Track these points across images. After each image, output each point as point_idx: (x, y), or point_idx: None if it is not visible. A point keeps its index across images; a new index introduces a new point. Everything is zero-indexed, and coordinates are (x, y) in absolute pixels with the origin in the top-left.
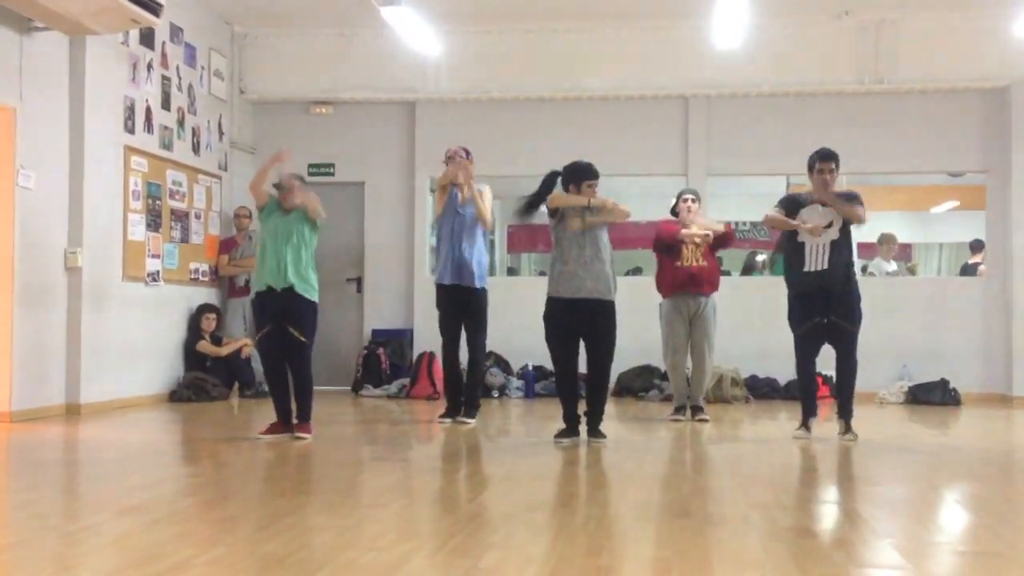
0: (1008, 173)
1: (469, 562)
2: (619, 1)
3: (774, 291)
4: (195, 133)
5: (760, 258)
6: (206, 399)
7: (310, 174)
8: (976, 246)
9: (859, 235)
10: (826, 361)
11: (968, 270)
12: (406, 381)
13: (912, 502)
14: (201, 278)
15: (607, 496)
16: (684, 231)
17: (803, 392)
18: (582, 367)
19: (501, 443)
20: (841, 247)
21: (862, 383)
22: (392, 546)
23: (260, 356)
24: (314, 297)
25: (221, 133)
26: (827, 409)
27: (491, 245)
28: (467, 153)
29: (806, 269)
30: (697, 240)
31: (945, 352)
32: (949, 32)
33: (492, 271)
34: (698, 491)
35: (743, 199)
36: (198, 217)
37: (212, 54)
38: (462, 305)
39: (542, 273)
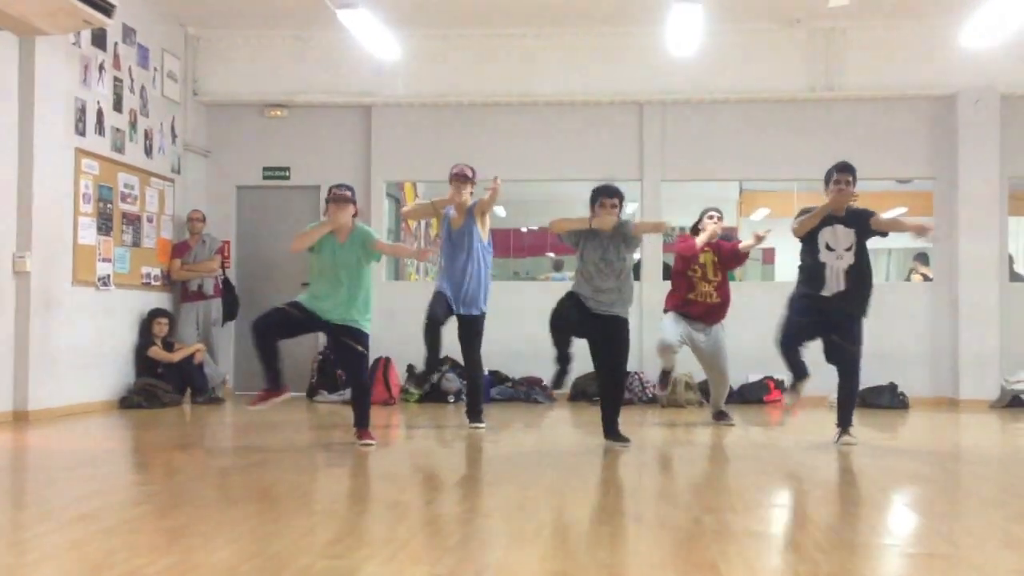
0: (955, 179)
1: (424, 568)
2: (575, 7)
3: (734, 297)
4: (148, 135)
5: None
6: (158, 405)
7: (265, 178)
8: (922, 259)
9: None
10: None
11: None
12: None
13: (861, 505)
14: (153, 282)
15: (561, 501)
16: (703, 257)
17: (788, 360)
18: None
19: (456, 448)
20: (862, 270)
21: (813, 386)
22: (346, 553)
23: (259, 318)
24: (368, 329)
25: (174, 135)
26: (778, 413)
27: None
28: (472, 172)
29: (824, 294)
30: (711, 277)
31: (893, 356)
32: (898, 41)
33: None
34: (652, 495)
35: (698, 204)
36: (150, 221)
37: (165, 55)
38: (462, 325)
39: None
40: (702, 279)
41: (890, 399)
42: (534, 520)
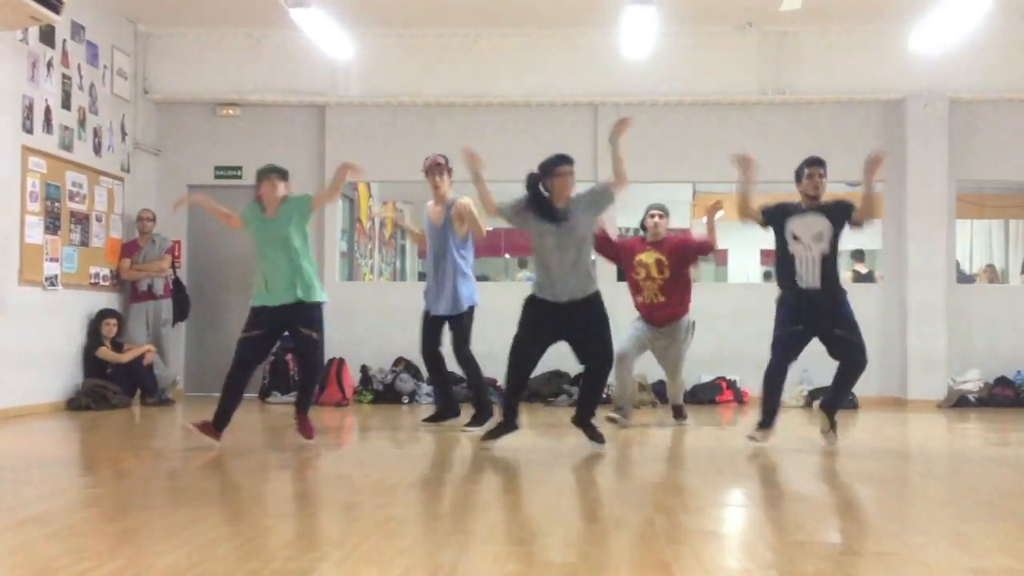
0: (903, 182)
1: (376, 570)
2: (530, 8)
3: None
4: (97, 133)
5: None
6: (106, 407)
7: (216, 176)
8: (858, 255)
9: (766, 244)
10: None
11: (862, 279)
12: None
13: (812, 504)
14: (102, 282)
15: (515, 501)
16: (642, 256)
17: (767, 393)
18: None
19: (409, 450)
20: (832, 261)
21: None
22: (298, 555)
23: (236, 353)
24: (321, 297)
25: (124, 134)
26: (731, 413)
27: (402, 251)
28: (446, 160)
29: (801, 286)
30: (654, 275)
31: None
32: (848, 45)
33: (404, 276)
34: (604, 495)
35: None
36: (99, 220)
37: (115, 53)
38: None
39: None
40: (646, 279)
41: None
42: (487, 521)
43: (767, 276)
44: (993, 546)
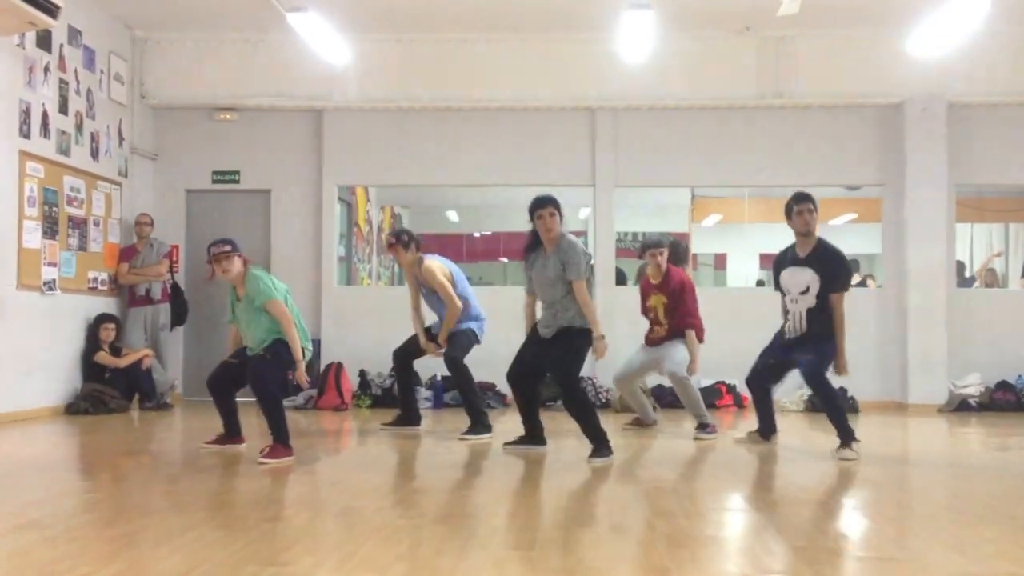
0: (902, 186)
1: (375, 575)
2: (528, 13)
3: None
4: (94, 138)
5: None
6: (104, 412)
7: (214, 181)
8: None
9: (765, 248)
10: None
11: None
12: (313, 392)
13: (811, 509)
14: (100, 287)
15: (513, 507)
16: (652, 300)
17: (756, 409)
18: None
19: (408, 454)
20: (820, 312)
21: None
22: (295, 560)
23: (210, 378)
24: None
25: (121, 139)
26: (730, 417)
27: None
28: (396, 237)
29: (788, 336)
30: (662, 320)
31: None
32: (846, 49)
33: (401, 281)
34: (604, 499)
35: (650, 210)
36: (97, 224)
37: (112, 58)
38: None
39: None
40: (655, 321)
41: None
42: (486, 526)
43: (760, 283)
44: (993, 551)
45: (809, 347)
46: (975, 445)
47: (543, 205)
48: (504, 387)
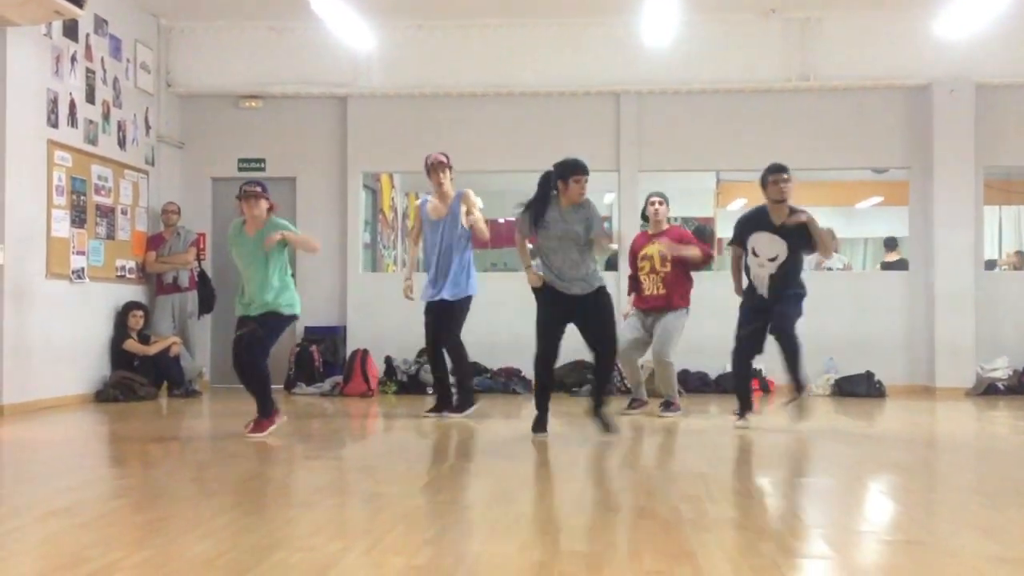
0: (930, 169)
1: (402, 560)
2: None
3: (711, 288)
4: (121, 127)
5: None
6: (134, 399)
7: (240, 169)
8: (890, 243)
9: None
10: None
11: (889, 267)
12: (339, 379)
13: (838, 493)
14: (128, 275)
15: (539, 491)
16: (647, 249)
17: (737, 388)
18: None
19: (434, 440)
20: (786, 277)
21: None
22: (323, 545)
23: (233, 354)
24: (289, 312)
25: (148, 127)
26: (757, 404)
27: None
28: (447, 157)
29: (758, 292)
30: (658, 268)
31: (870, 345)
32: (873, 31)
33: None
34: (630, 485)
35: (673, 194)
36: (124, 213)
37: (138, 46)
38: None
39: None
40: (649, 272)
41: (867, 387)
42: (512, 511)
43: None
44: (1022, 535)
45: (783, 304)
46: (1003, 429)
47: (585, 172)
48: (529, 372)
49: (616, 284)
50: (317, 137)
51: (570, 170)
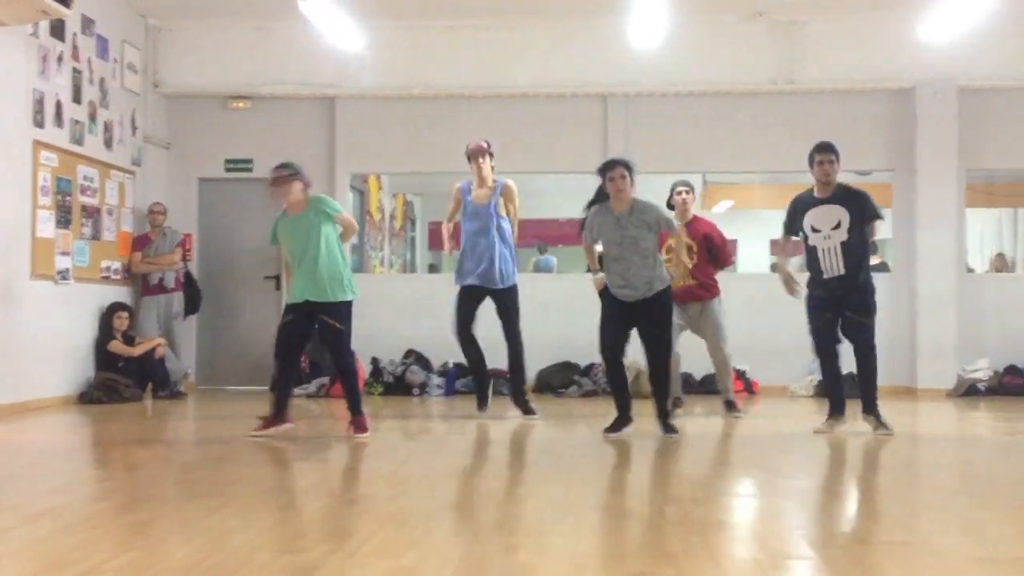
0: (913, 171)
1: (388, 562)
2: None
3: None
4: (107, 127)
5: None
6: (118, 400)
7: (227, 170)
8: (872, 247)
9: (776, 234)
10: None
11: (874, 269)
12: (326, 380)
13: (821, 494)
14: (113, 276)
15: (526, 493)
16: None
17: (828, 387)
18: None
19: (421, 441)
20: (854, 247)
21: (775, 377)
22: (309, 547)
23: (276, 341)
24: (352, 297)
25: (135, 128)
26: (740, 403)
27: (412, 243)
28: (489, 144)
29: (825, 276)
30: (684, 259)
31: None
32: (857, 34)
33: (414, 268)
34: (615, 486)
35: (662, 195)
36: (110, 213)
37: (125, 47)
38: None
39: None
40: (674, 268)
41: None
42: (498, 512)
43: (773, 268)
44: (1004, 535)
45: (857, 300)
46: (984, 429)
47: (613, 167)
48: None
49: None
50: (305, 138)
51: (604, 168)
